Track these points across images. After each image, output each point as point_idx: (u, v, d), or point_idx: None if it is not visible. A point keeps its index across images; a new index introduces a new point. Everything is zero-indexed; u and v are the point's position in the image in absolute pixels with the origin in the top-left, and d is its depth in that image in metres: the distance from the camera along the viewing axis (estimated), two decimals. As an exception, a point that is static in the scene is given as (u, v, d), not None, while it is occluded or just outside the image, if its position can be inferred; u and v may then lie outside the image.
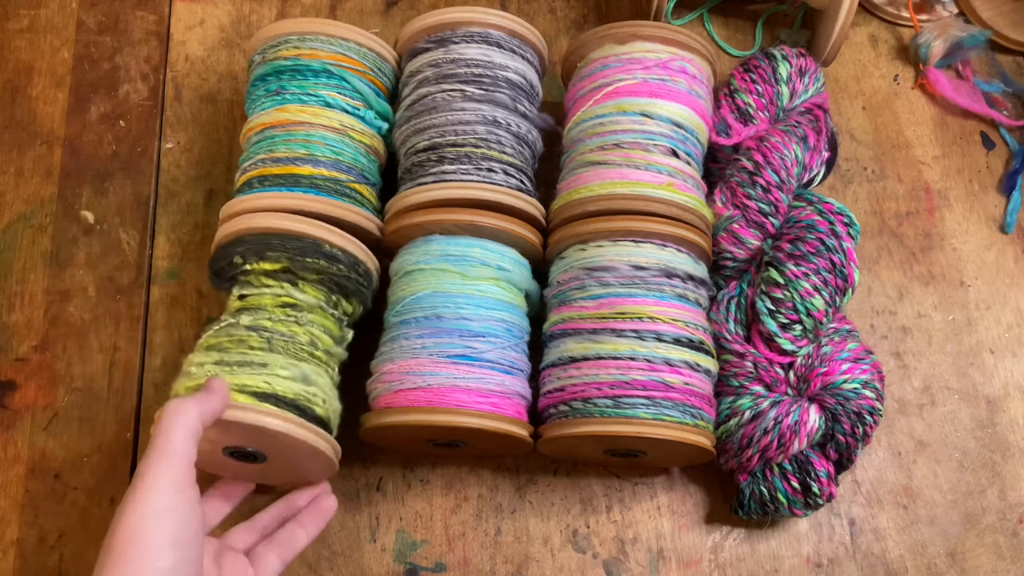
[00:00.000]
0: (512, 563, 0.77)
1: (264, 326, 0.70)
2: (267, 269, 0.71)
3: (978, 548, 0.80)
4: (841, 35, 0.86)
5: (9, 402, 0.80)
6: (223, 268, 0.73)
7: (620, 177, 0.75)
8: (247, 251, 0.71)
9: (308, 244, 0.71)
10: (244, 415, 0.65)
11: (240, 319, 0.70)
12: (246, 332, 0.70)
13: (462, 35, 0.78)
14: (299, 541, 0.70)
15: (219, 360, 0.68)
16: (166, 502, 0.57)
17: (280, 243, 0.71)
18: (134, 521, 0.56)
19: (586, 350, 0.72)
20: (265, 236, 0.71)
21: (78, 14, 0.93)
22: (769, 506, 0.75)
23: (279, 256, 0.71)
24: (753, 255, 0.80)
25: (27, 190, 0.86)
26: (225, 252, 0.72)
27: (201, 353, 0.70)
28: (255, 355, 0.69)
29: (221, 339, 0.70)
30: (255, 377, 0.68)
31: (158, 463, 0.58)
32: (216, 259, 0.73)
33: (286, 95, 0.77)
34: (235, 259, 0.71)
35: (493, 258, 0.74)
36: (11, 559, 0.75)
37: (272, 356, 0.69)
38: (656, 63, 0.78)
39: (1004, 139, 0.94)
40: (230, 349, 0.69)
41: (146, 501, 0.56)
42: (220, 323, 0.71)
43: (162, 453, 0.58)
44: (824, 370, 0.75)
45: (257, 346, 0.69)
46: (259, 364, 0.68)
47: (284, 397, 0.68)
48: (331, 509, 0.72)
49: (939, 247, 0.89)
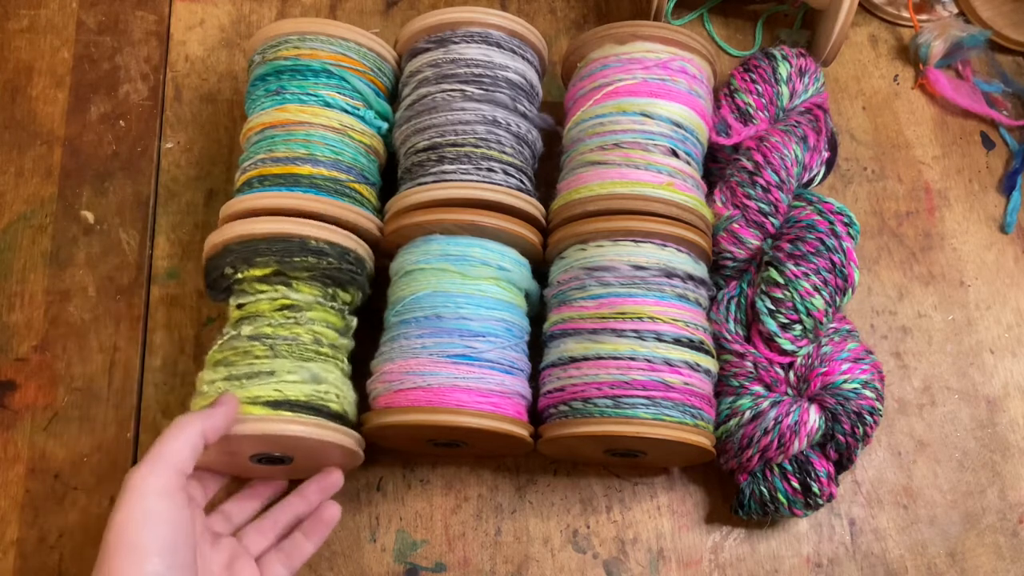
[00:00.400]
0: (512, 563, 0.77)
1: (265, 333, 0.70)
2: (258, 275, 0.71)
3: (978, 548, 0.80)
4: (841, 35, 0.86)
5: (9, 402, 0.80)
6: (216, 280, 0.73)
7: (620, 177, 0.75)
8: (235, 260, 0.71)
9: (293, 244, 0.71)
10: (259, 427, 0.66)
11: (241, 330, 0.71)
12: (249, 343, 0.70)
13: (462, 35, 0.78)
14: (306, 549, 0.71)
15: (228, 375, 0.69)
16: (152, 506, 0.57)
17: (266, 247, 0.71)
18: (120, 525, 0.56)
19: (586, 350, 0.72)
20: (251, 242, 0.71)
21: (78, 14, 0.93)
22: (769, 506, 0.75)
23: (267, 260, 0.71)
24: (753, 255, 0.80)
25: (27, 190, 0.86)
26: (215, 264, 0.73)
27: (210, 370, 0.70)
28: (261, 364, 0.69)
29: (227, 353, 0.70)
30: (265, 387, 0.68)
31: (147, 469, 0.58)
32: (208, 272, 0.74)
33: (286, 95, 0.77)
34: (226, 270, 0.72)
35: (493, 258, 0.74)
36: (11, 559, 0.75)
37: (278, 362, 0.69)
38: (656, 63, 0.78)
39: (1004, 139, 0.94)
40: (236, 362, 0.70)
41: (131, 505, 0.57)
42: (223, 336, 0.71)
43: (153, 460, 0.59)
44: (824, 370, 0.75)
45: (262, 355, 0.70)
46: (266, 373, 0.69)
47: (297, 401, 0.69)
48: (335, 518, 0.72)
49: (939, 247, 0.89)
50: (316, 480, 0.73)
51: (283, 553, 0.70)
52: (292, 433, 0.67)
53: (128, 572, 0.55)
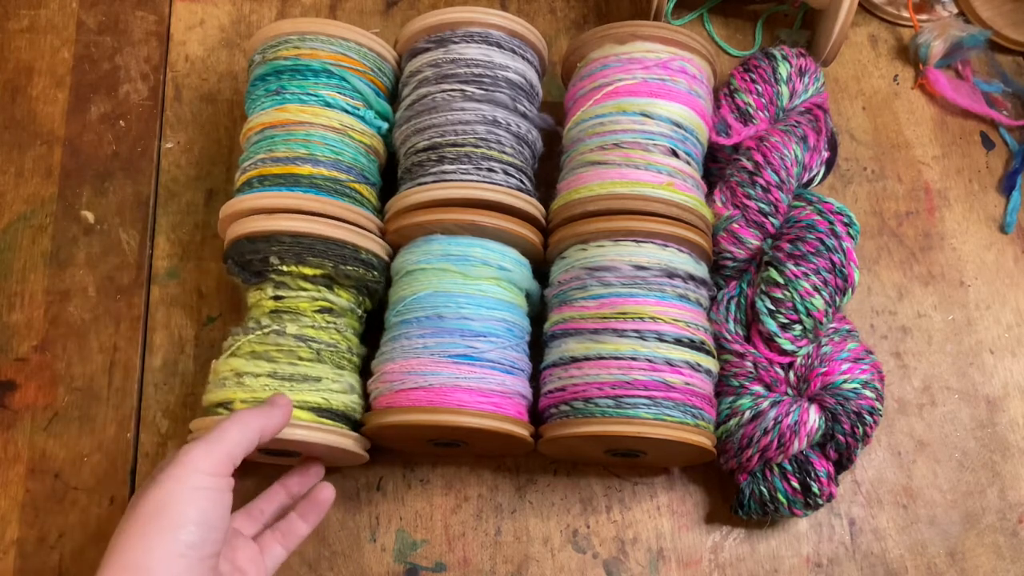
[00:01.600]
0: (512, 563, 0.77)
1: (310, 336, 0.72)
2: (308, 273, 0.72)
3: (978, 548, 0.80)
4: (841, 35, 0.86)
5: (9, 402, 0.80)
6: (251, 262, 0.73)
7: (620, 177, 0.75)
8: (284, 252, 0.72)
9: (348, 250, 0.73)
10: (311, 435, 0.68)
11: (286, 327, 0.71)
12: (295, 343, 0.71)
13: (462, 35, 0.78)
14: (301, 530, 0.71)
15: (272, 372, 0.70)
16: (200, 482, 0.58)
17: (323, 248, 0.72)
18: (162, 495, 0.57)
19: (587, 350, 0.72)
20: (306, 240, 0.72)
21: (78, 14, 0.93)
22: (769, 506, 0.75)
23: (322, 262, 0.72)
24: (753, 255, 0.80)
25: (27, 190, 0.86)
26: (257, 248, 0.72)
27: (248, 360, 0.71)
28: (307, 368, 0.71)
29: (268, 347, 0.71)
30: (313, 394, 0.70)
31: (204, 449, 0.59)
32: (244, 252, 0.73)
33: (286, 95, 0.77)
34: (271, 259, 0.72)
35: (494, 258, 0.74)
36: (11, 559, 0.75)
37: (321, 367, 0.71)
38: (656, 63, 0.78)
39: (1004, 139, 0.94)
40: (279, 360, 0.71)
41: (180, 478, 0.58)
42: (261, 328, 0.72)
43: (211, 442, 0.60)
44: (824, 370, 0.75)
45: (306, 357, 0.71)
46: (313, 378, 0.71)
47: (337, 410, 0.71)
48: (329, 499, 0.73)
49: (939, 247, 0.89)
50: (299, 473, 0.74)
51: (279, 533, 0.70)
52: (337, 444, 0.70)
53: (163, 535, 0.56)
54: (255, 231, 0.73)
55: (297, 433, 0.68)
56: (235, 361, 0.71)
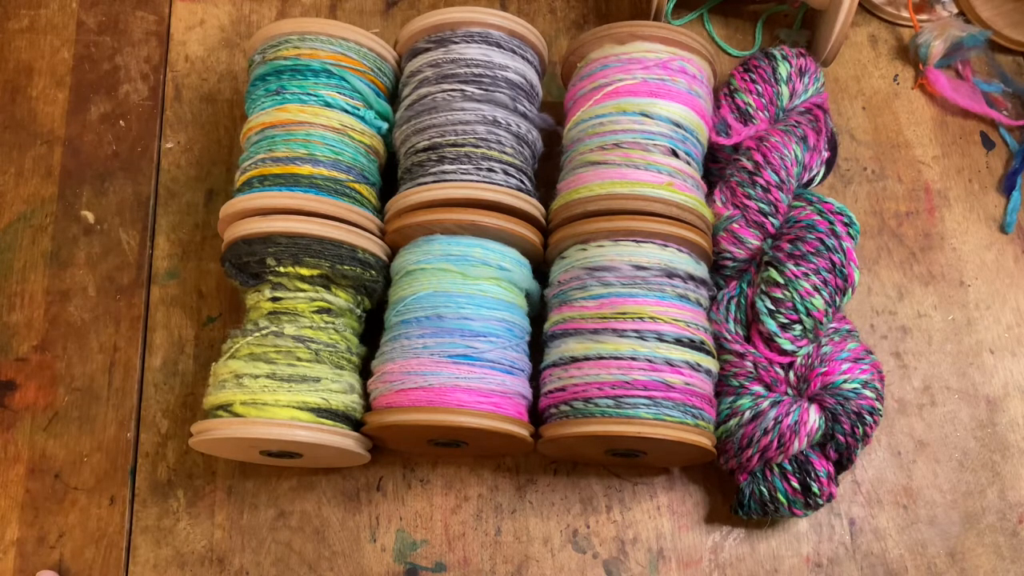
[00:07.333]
0: (512, 563, 0.77)
1: (308, 336, 0.71)
2: (304, 274, 0.72)
3: (978, 548, 0.80)
4: (841, 35, 0.86)
5: (9, 402, 0.80)
6: (247, 264, 0.73)
7: (620, 177, 0.75)
8: (281, 253, 0.72)
9: (344, 250, 0.73)
10: (314, 436, 0.68)
11: (284, 328, 0.71)
12: (293, 343, 0.71)
13: (462, 35, 0.78)
14: None
15: (271, 373, 0.70)
16: None
17: (319, 248, 0.72)
18: None
19: (587, 350, 0.72)
20: (303, 240, 0.72)
21: (78, 14, 0.93)
22: (769, 506, 0.75)
23: (318, 262, 0.72)
24: (753, 255, 0.80)
25: (27, 190, 0.86)
26: (253, 250, 0.72)
27: (246, 363, 0.71)
28: (305, 368, 0.71)
29: (267, 349, 0.71)
30: (312, 394, 0.70)
31: None
32: (241, 254, 0.73)
33: (286, 95, 0.77)
34: (268, 260, 0.72)
35: (494, 258, 0.74)
36: (11, 559, 0.75)
37: (320, 368, 0.71)
38: (656, 63, 0.78)
39: (1004, 139, 0.94)
40: (278, 361, 0.71)
41: None
42: (259, 329, 0.72)
43: None
44: (824, 370, 0.75)
45: (305, 358, 0.71)
46: (312, 379, 0.70)
47: (338, 411, 0.71)
48: None
49: (939, 247, 0.89)
50: None
51: None
52: (338, 445, 0.70)
53: None
54: (251, 233, 0.73)
55: (297, 434, 0.68)
56: (234, 363, 0.71)
